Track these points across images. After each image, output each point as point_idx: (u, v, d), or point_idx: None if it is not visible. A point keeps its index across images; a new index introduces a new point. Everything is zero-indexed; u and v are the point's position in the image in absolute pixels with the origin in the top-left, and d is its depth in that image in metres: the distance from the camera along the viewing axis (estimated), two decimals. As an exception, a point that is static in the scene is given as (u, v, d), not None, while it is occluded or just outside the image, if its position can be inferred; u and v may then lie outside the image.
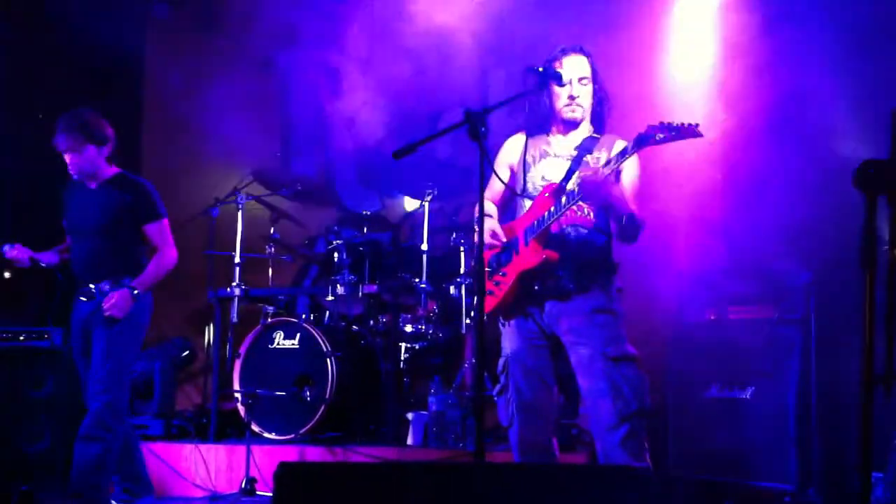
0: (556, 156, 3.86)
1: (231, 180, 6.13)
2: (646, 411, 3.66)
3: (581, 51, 3.83)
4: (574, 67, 3.80)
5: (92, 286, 4.56)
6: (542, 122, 3.88)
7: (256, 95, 7.01)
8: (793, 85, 5.56)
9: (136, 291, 4.50)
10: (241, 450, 5.17)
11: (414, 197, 6.25)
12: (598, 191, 3.61)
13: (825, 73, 5.37)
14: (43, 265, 4.72)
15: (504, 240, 3.78)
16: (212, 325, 6.17)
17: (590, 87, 3.84)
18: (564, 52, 3.82)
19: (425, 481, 2.54)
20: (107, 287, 4.52)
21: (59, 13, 6.27)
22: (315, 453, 5.24)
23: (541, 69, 3.73)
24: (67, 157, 4.57)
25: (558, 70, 3.76)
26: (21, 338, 5.44)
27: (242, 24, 6.96)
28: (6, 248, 4.66)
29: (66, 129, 4.52)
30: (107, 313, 4.44)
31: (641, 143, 3.49)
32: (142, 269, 4.57)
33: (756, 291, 4.98)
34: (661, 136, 3.43)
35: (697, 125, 3.44)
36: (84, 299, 4.59)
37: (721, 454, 4.86)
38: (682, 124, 3.43)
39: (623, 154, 3.55)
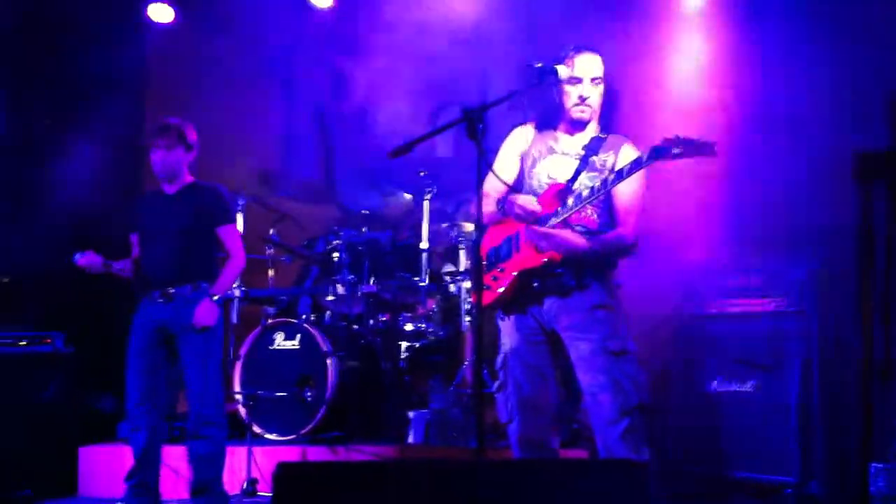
0: (563, 153, 3.81)
1: (231, 182, 6.12)
2: (646, 406, 3.63)
3: (595, 49, 3.75)
4: (587, 67, 3.72)
5: (171, 289, 4.60)
6: (550, 117, 3.84)
7: (257, 96, 7.00)
8: (790, 77, 5.56)
9: (216, 297, 4.59)
10: (242, 451, 5.16)
11: (413, 195, 6.23)
12: (547, 242, 3.63)
13: (821, 65, 5.38)
14: (115, 271, 4.74)
15: (539, 208, 3.69)
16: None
17: (601, 88, 3.77)
18: (578, 51, 3.73)
19: (427, 479, 2.53)
20: (188, 291, 4.59)
21: (60, 18, 6.28)
22: (316, 453, 5.23)
23: (539, 65, 3.63)
24: (158, 155, 4.65)
25: (569, 68, 3.68)
26: (23, 343, 5.44)
27: (244, 25, 6.96)
28: (77, 256, 4.69)
29: (163, 128, 4.67)
30: (199, 325, 4.52)
31: (657, 156, 3.40)
32: (216, 274, 4.67)
33: (757, 284, 4.98)
34: (678, 150, 3.33)
35: (715, 143, 3.34)
36: (162, 301, 4.61)
37: (723, 447, 4.86)
38: (700, 140, 3.33)
39: (637, 164, 3.48)
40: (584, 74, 3.72)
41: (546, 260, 3.66)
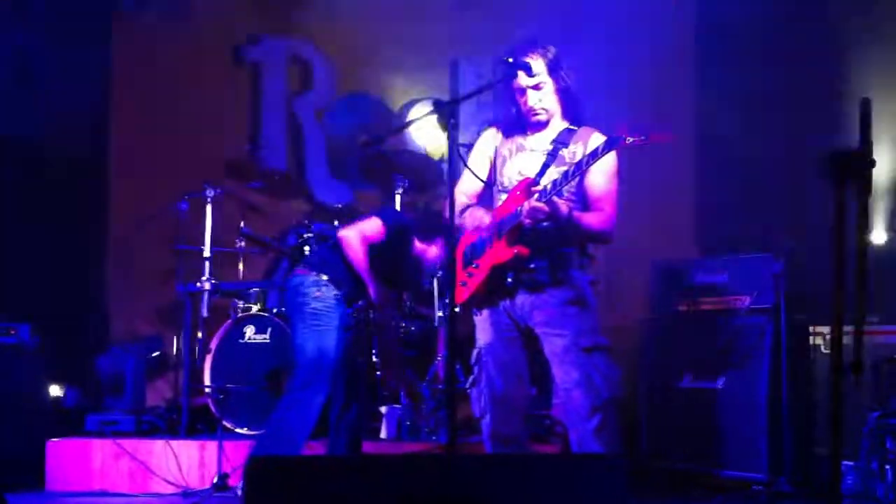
0: (532, 150, 3.82)
1: (200, 174, 6.07)
2: (618, 401, 3.66)
3: (534, 51, 3.70)
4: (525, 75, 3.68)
5: None
6: (517, 119, 3.84)
7: (225, 88, 6.94)
8: (763, 75, 5.62)
9: None
10: (212, 445, 5.13)
11: (386, 189, 6.21)
12: (542, 216, 3.59)
13: (794, 68, 5.43)
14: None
15: (487, 219, 3.76)
16: (182, 320, 6.11)
17: (549, 86, 3.74)
18: (515, 62, 3.65)
19: (398, 473, 2.53)
20: None
21: (25, 10, 6.20)
22: (287, 448, 5.20)
23: (510, 60, 3.63)
24: None
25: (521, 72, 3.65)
26: (-12, 335, 5.37)
27: (211, 16, 6.90)
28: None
29: None
30: None
31: (611, 144, 3.45)
32: None
33: (727, 281, 5.01)
34: (631, 139, 3.36)
35: (669, 130, 3.40)
36: None
37: (693, 443, 4.89)
38: (653, 128, 3.37)
39: (594, 155, 3.51)
40: (525, 83, 3.71)
41: (515, 253, 3.66)
